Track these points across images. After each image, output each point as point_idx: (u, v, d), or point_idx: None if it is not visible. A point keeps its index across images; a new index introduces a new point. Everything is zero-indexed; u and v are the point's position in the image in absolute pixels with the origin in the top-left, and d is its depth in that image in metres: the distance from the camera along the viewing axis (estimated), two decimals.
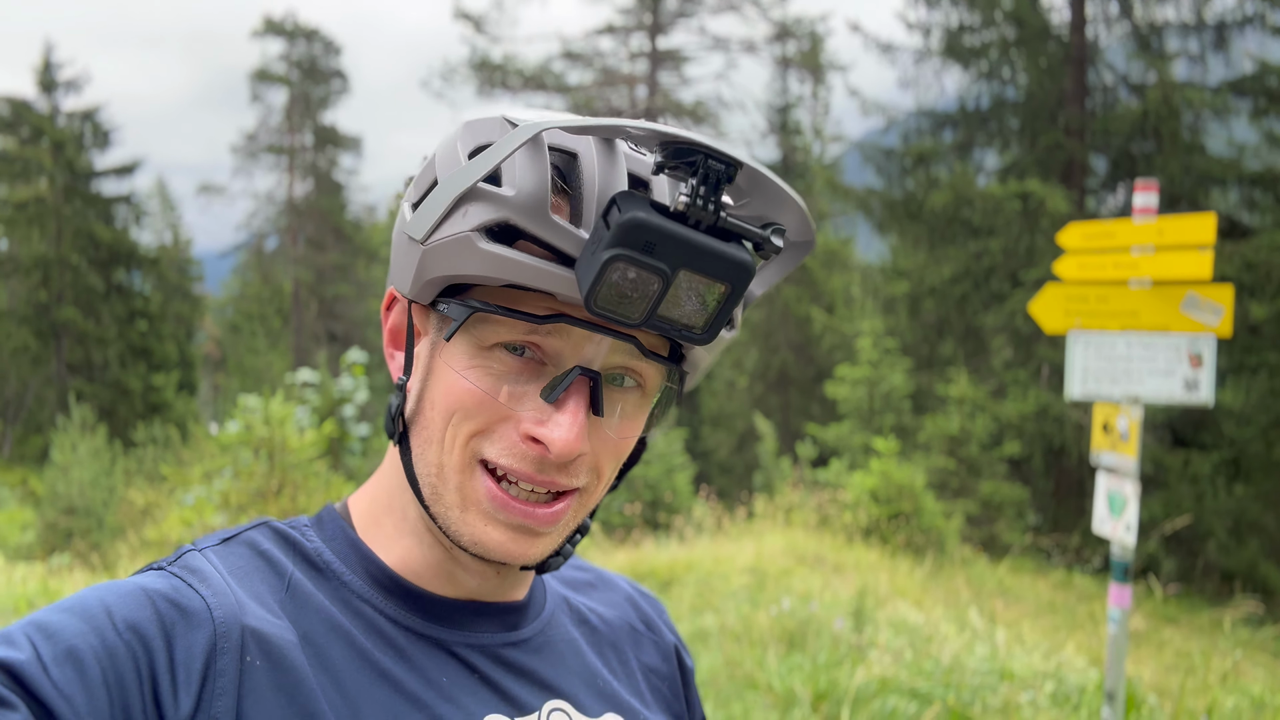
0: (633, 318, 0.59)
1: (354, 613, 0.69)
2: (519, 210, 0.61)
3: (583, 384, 0.65)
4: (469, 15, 26.63)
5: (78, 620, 0.60)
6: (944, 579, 8.10)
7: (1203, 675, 5.75)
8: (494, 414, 0.65)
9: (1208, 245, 3.59)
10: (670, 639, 0.88)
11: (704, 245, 0.58)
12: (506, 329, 0.64)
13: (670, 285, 0.59)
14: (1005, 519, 12.04)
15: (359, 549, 0.73)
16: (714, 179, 0.58)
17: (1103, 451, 3.94)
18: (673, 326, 0.61)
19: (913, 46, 16.72)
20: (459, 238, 0.63)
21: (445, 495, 0.68)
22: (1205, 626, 8.97)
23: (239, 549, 0.71)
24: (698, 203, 0.58)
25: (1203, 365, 3.71)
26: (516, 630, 0.75)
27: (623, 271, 0.57)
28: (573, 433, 0.63)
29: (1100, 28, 15.49)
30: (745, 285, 0.60)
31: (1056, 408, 13.26)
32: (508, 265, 0.61)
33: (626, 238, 0.57)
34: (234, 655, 0.62)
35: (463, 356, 0.66)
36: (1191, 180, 14.22)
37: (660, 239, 0.57)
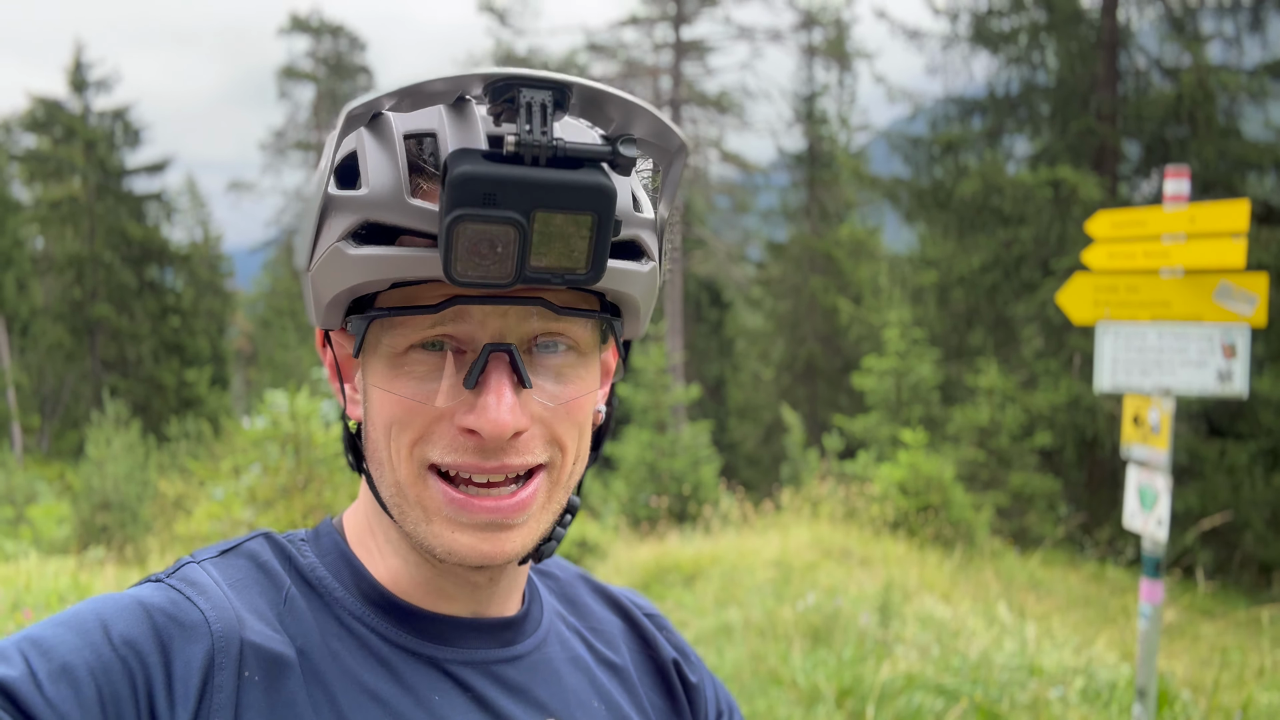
0: (503, 276, 0.57)
1: (347, 630, 0.68)
2: (375, 205, 0.59)
3: (499, 360, 0.62)
4: (493, 8, 26.66)
5: (72, 635, 0.59)
6: (973, 572, 8.01)
7: (1238, 670, 5.64)
8: (426, 417, 0.64)
9: (1241, 232, 3.50)
10: (669, 654, 0.86)
11: (549, 180, 0.55)
12: (410, 329, 0.63)
13: (530, 231, 0.55)
14: (1036, 511, 11.89)
15: (353, 566, 0.72)
16: (538, 108, 0.55)
17: (1134, 444, 3.87)
18: (553, 274, 0.58)
19: (940, 32, 16.50)
20: (330, 251, 0.61)
21: (409, 511, 0.66)
22: (1242, 620, 8.81)
23: (238, 561, 0.70)
24: (525, 138, 0.54)
25: (1236, 356, 3.62)
26: (511, 646, 0.74)
27: (470, 231, 0.55)
28: (499, 412, 0.61)
29: (1132, 10, 15.19)
30: (610, 208, 0.56)
31: (1089, 398, 13.06)
32: (380, 264, 0.59)
33: (462, 195, 0.54)
34: (232, 670, 0.61)
35: (383, 369, 0.64)
36: (1227, 165, 13.93)
37: (498, 187, 0.54)
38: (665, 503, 11.14)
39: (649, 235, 0.67)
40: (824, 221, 25.97)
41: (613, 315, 0.68)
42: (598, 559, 7.86)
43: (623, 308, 0.68)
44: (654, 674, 0.84)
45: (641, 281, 0.67)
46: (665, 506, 11.12)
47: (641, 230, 0.66)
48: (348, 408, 0.71)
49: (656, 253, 0.68)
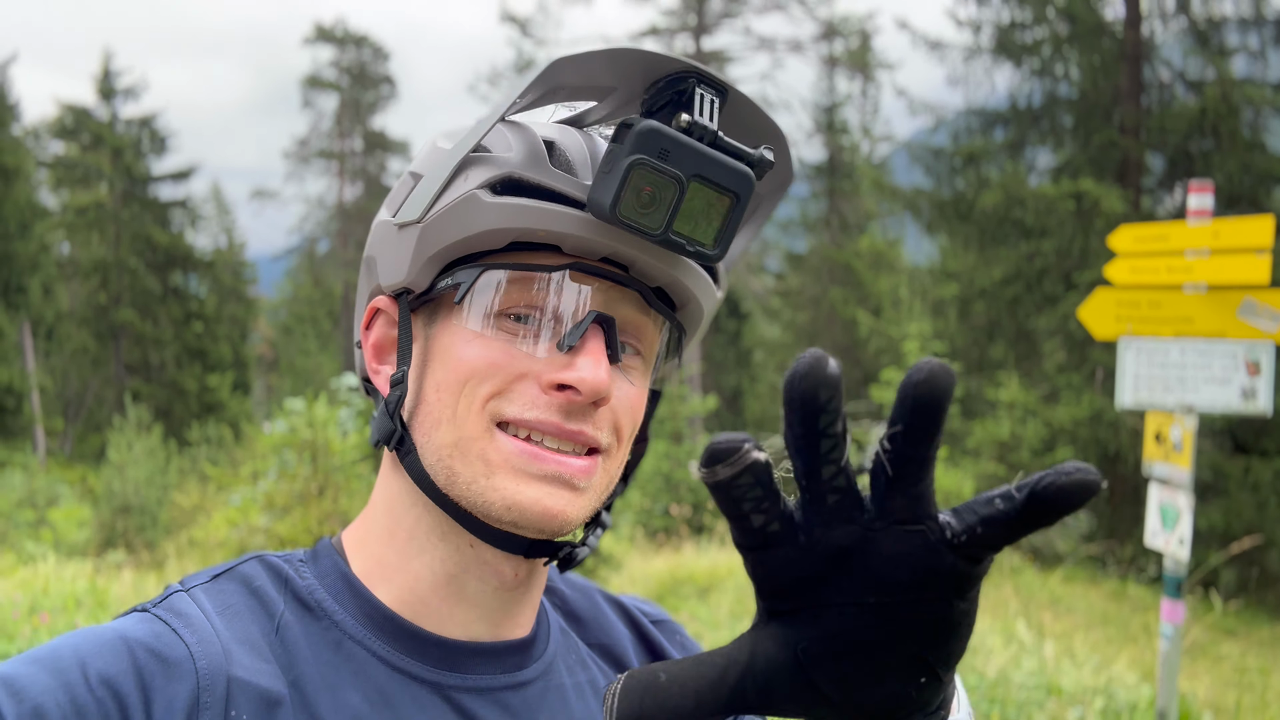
0: (655, 228, 0.61)
1: (344, 655, 0.66)
2: (521, 165, 0.64)
3: (599, 330, 0.65)
4: (514, 18, 26.81)
5: (47, 675, 0.57)
6: (991, 588, 7.93)
7: (1261, 692, 5.55)
8: (510, 372, 0.64)
9: (1266, 248, 3.45)
10: (687, 638, 0.86)
11: (712, 155, 0.62)
12: (514, 289, 0.65)
13: (684, 195, 0.61)
14: (1057, 527, 11.77)
15: (353, 586, 0.70)
16: (710, 101, 0.63)
17: (1155, 462, 3.82)
18: (688, 241, 0.63)
19: (962, 44, 16.44)
20: (464, 198, 0.64)
21: (465, 469, 0.65)
22: (1266, 640, 8.67)
23: (230, 585, 0.68)
24: (699, 120, 0.62)
25: (1261, 373, 3.57)
26: (519, 671, 0.71)
27: (642, 177, 0.60)
28: (600, 370, 0.63)
29: (1156, 23, 15.08)
30: (749, 195, 0.63)
31: (1111, 413, 12.92)
32: (520, 212, 0.63)
33: (645, 143, 0.60)
34: (218, 710, 0.59)
35: (471, 326, 0.66)
36: (1252, 179, 13.79)
37: (674, 146, 0.61)
38: (682, 513, 11.11)
39: (723, 267, 0.75)
40: (844, 232, 25.90)
41: (680, 328, 0.73)
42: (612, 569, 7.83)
43: (689, 324, 0.74)
44: None
45: (711, 300, 0.73)
46: (681, 517, 11.08)
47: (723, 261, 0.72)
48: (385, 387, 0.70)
49: (724, 286, 0.76)
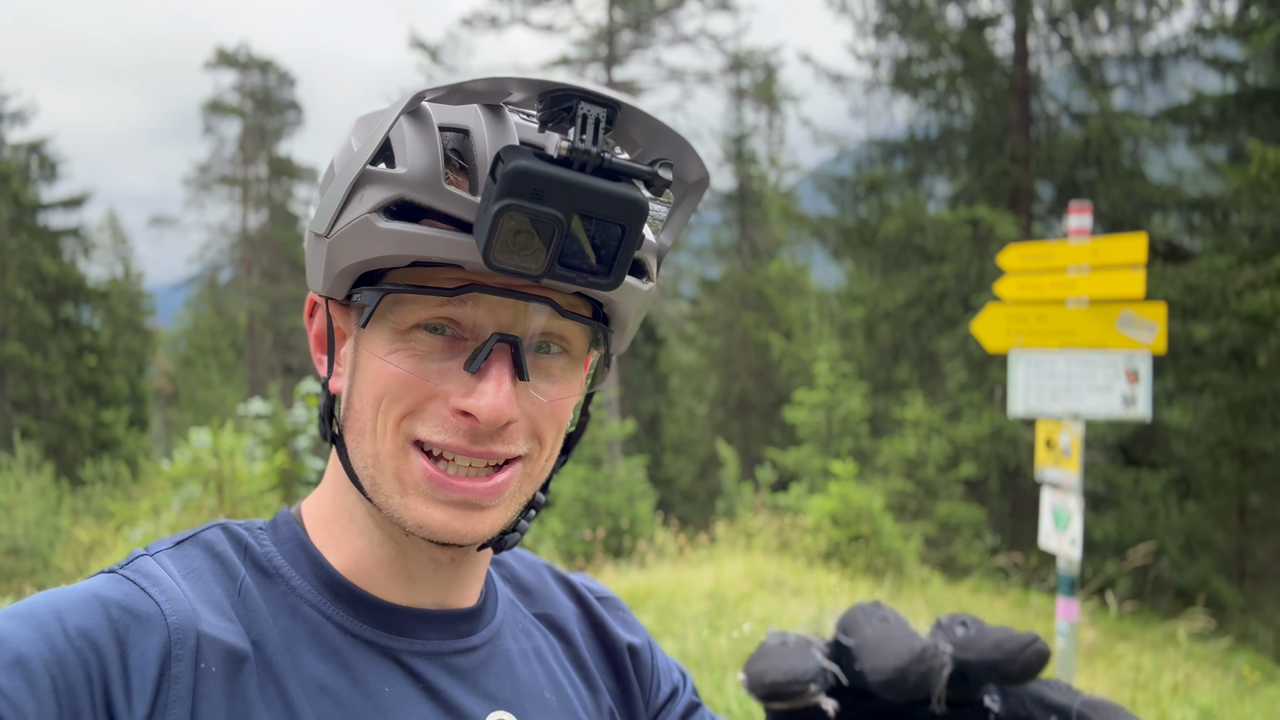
0: (534, 268, 0.60)
1: (300, 619, 0.68)
2: (412, 185, 0.62)
3: (503, 351, 0.65)
4: (424, 45, 26.70)
5: (27, 627, 0.59)
6: (903, 600, 8.15)
7: (1154, 688, 5.84)
8: (421, 393, 0.65)
9: (1140, 264, 3.71)
10: (622, 639, 0.87)
11: (593, 186, 0.58)
12: (421, 307, 0.65)
13: (566, 230, 0.59)
14: (963, 539, 12.17)
15: (310, 553, 0.72)
16: (593, 121, 0.59)
17: (1046, 467, 4.03)
18: (578, 274, 0.61)
19: (862, 77, 17.08)
20: (358, 221, 0.64)
21: (384, 483, 0.67)
22: (1158, 641, 9.12)
23: (193, 550, 0.70)
24: (579, 145, 0.58)
25: (1139, 381, 3.81)
26: (466, 638, 0.74)
27: (515, 221, 0.58)
28: (499, 399, 0.63)
29: (1043, 59, 15.96)
30: (640, 222, 0.60)
31: (1010, 429, 13.47)
32: (409, 240, 0.62)
33: (514, 187, 0.57)
34: (189, 661, 0.61)
35: (383, 343, 0.66)
36: (1133, 206, 14.65)
37: (548, 185, 0.58)
38: (601, 537, 11.10)
39: (652, 258, 0.71)
40: (755, 259, 26.44)
41: (606, 326, 0.71)
42: None
43: (614, 321, 0.72)
44: (606, 657, 0.85)
45: (639, 298, 0.71)
46: (601, 541, 11.08)
47: (648, 252, 0.70)
48: (331, 380, 0.72)
49: (655, 275, 0.73)
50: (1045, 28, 15.79)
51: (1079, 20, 15.61)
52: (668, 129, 0.66)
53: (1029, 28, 15.67)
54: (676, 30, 26.67)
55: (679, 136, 0.66)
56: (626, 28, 26.46)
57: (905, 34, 16.23)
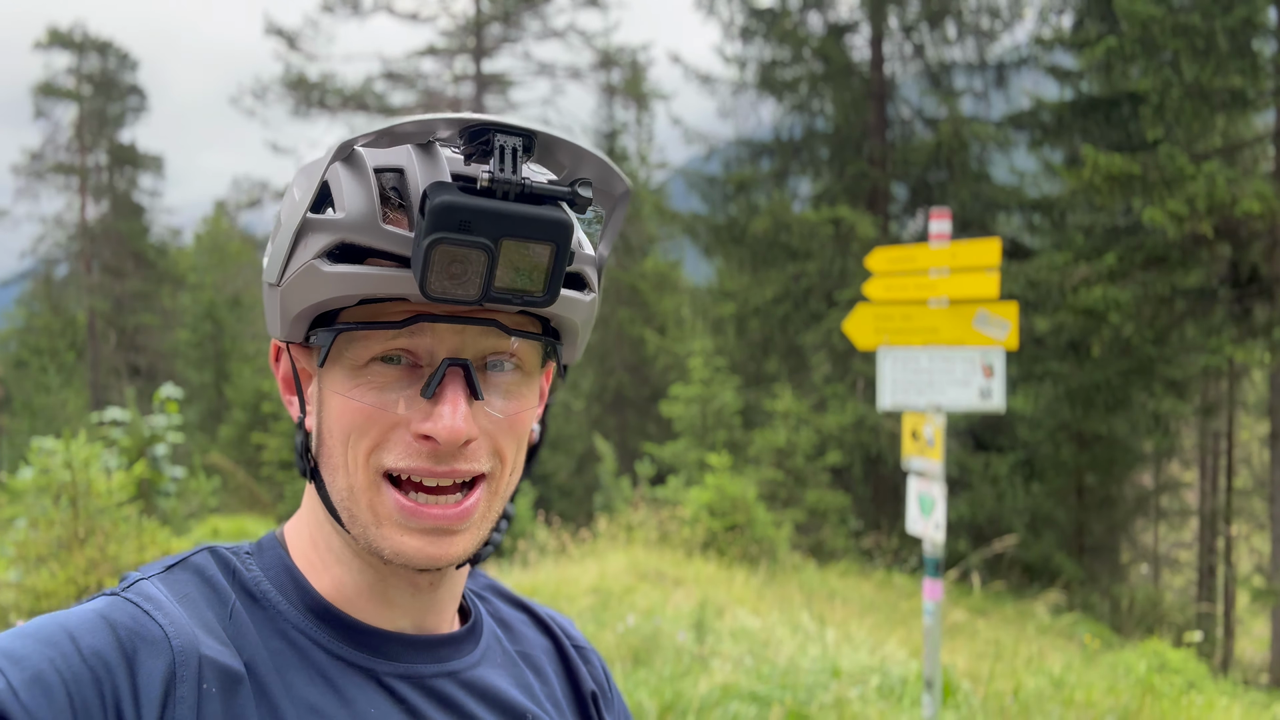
0: (471, 295, 0.63)
1: (289, 643, 0.71)
2: (351, 228, 0.65)
3: (455, 374, 0.68)
4: (282, 31, 25.63)
5: (43, 646, 0.61)
6: (777, 586, 8.46)
7: (1010, 661, 6.29)
8: (384, 424, 0.68)
9: (994, 267, 3.99)
10: (588, 686, 0.90)
11: (517, 213, 0.62)
12: (374, 342, 0.68)
13: (496, 257, 0.62)
14: (830, 525, 12.70)
15: (295, 578, 0.74)
16: (510, 150, 0.63)
17: (912, 457, 4.28)
18: (514, 295, 0.65)
19: (730, 78, 17.51)
20: (305, 268, 0.67)
21: (359, 515, 0.70)
22: (1011, 617, 9.79)
23: (184, 575, 0.72)
24: (499, 175, 0.62)
25: (994, 375, 4.11)
26: (447, 663, 0.77)
27: (446, 253, 0.61)
28: (455, 419, 0.66)
29: (897, 65, 16.76)
30: (568, 240, 0.64)
31: (872, 418, 14.13)
32: (354, 280, 0.65)
33: (441, 221, 0.61)
34: (193, 682, 0.64)
35: (343, 380, 0.69)
36: (980, 206, 15.60)
37: (474, 215, 0.61)
38: None
39: (591, 270, 0.74)
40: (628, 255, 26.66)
41: (555, 340, 0.74)
42: None
43: (564, 334, 0.75)
44: (575, 699, 0.88)
45: (583, 310, 0.74)
46: None
47: (586, 265, 0.73)
48: (306, 419, 0.74)
49: (596, 286, 0.76)
50: (899, 35, 16.60)
51: (930, 29, 16.48)
52: (587, 151, 0.69)
53: (884, 35, 16.44)
54: (546, 24, 26.58)
55: (599, 156, 0.70)
56: (495, 20, 26.18)
57: (769, 38, 16.72)
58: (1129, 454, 17.22)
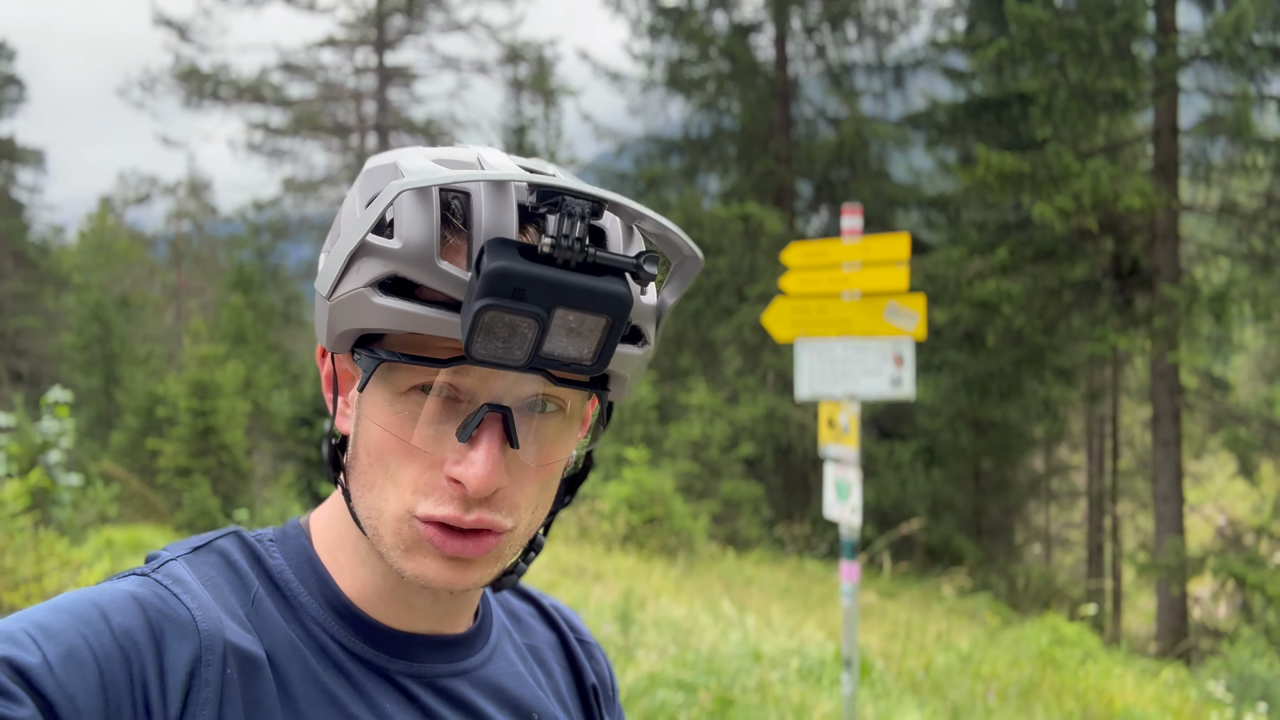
0: (516, 360, 0.61)
1: (307, 634, 0.71)
2: (406, 262, 0.63)
3: (494, 420, 0.66)
4: (171, 22, 24.59)
5: (77, 621, 0.62)
6: (696, 576, 8.59)
7: (919, 639, 6.55)
8: (421, 464, 0.67)
9: (904, 260, 4.16)
10: (590, 680, 0.91)
11: (575, 284, 0.60)
12: (416, 374, 0.66)
13: (547, 325, 0.60)
14: (744, 515, 12.95)
15: (318, 572, 0.75)
16: (577, 217, 0.61)
17: (829, 444, 4.43)
18: (559, 362, 0.62)
19: (638, 76, 17.67)
20: (355, 294, 0.65)
21: (384, 537, 0.70)
22: (917, 599, 10.17)
23: (210, 558, 0.73)
24: (562, 243, 0.60)
25: (904, 364, 4.28)
26: (459, 663, 0.78)
27: (495, 319, 0.59)
28: (485, 469, 0.64)
29: (800, 65, 17.16)
30: (624, 315, 0.62)
31: (782, 410, 14.46)
32: (402, 317, 0.63)
33: (494, 287, 0.59)
34: (217, 667, 0.64)
35: (381, 404, 0.68)
36: (881, 203, 16.12)
37: (529, 284, 0.59)
38: None
39: (649, 323, 0.71)
40: None
41: (602, 387, 0.71)
42: None
43: (612, 382, 0.72)
44: (578, 691, 0.90)
45: (635, 363, 0.71)
46: None
47: (643, 320, 0.71)
48: (337, 420, 0.74)
49: (653, 336, 0.73)
50: (802, 36, 16.99)
51: (831, 30, 16.93)
52: (652, 218, 0.67)
53: (787, 35, 16.81)
54: (450, 17, 26.21)
55: (662, 225, 0.68)
56: (397, 11, 25.67)
57: (677, 36, 16.90)
58: (1021, 439, 18.05)
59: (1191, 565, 11.65)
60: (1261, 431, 12.28)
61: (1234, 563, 11.38)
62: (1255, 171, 12.07)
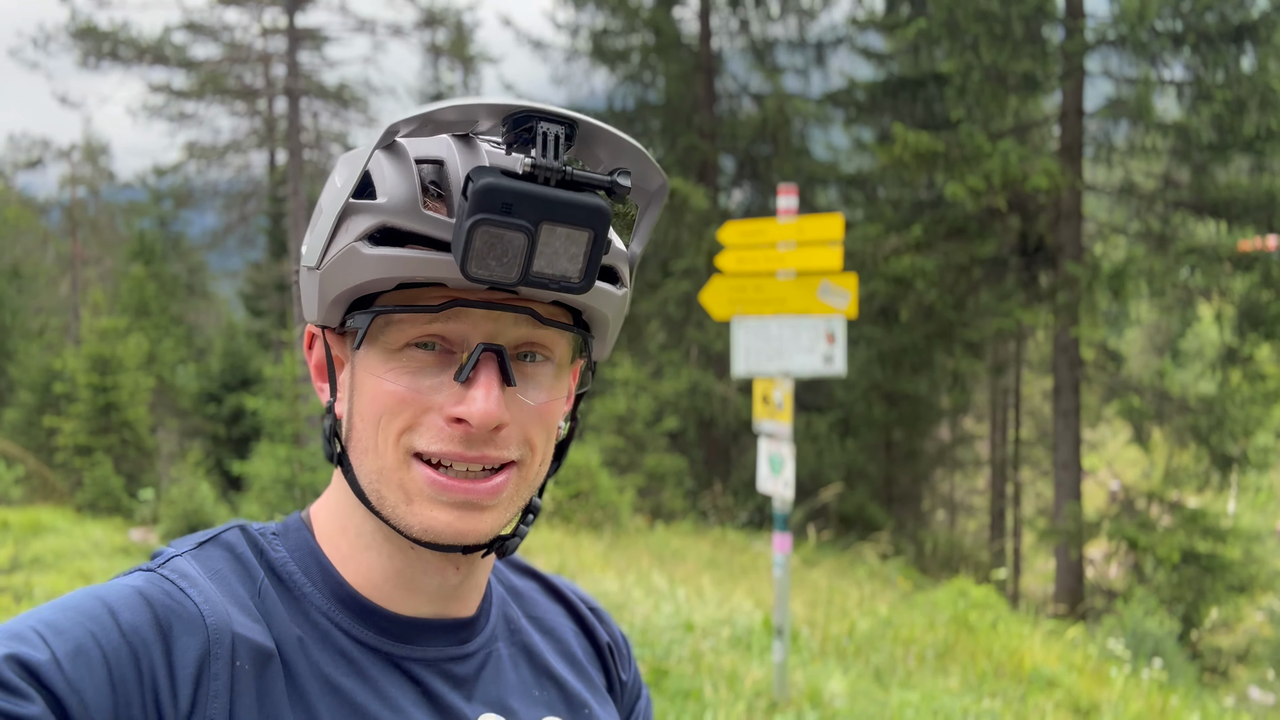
0: (510, 277, 0.64)
1: (312, 624, 0.72)
2: (393, 212, 0.67)
3: (490, 359, 0.69)
4: None
5: (84, 619, 0.62)
6: (623, 548, 8.69)
7: (840, 605, 6.77)
8: (417, 407, 0.70)
9: (837, 240, 4.27)
10: (603, 639, 0.94)
11: (558, 198, 0.64)
12: (410, 325, 0.69)
13: (536, 240, 0.64)
14: (669, 488, 13.11)
15: (320, 563, 0.76)
16: (553, 138, 0.65)
17: (763, 420, 4.53)
18: (551, 280, 0.66)
19: (562, 45, 17.41)
20: (345, 250, 0.68)
21: (389, 495, 0.71)
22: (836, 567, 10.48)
23: (216, 551, 0.73)
24: (541, 161, 0.64)
25: (836, 342, 4.40)
26: (463, 646, 0.79)
27: (487, 234, 0.63)
28: (489, 403, 0.67)
29: (725, 40, 17.20)
30: (605, 227, 0.66)
31: (705, 383, 14.63)
32: (394, 263, 0.67)
33: (484, 203, 0.62)
34: (226, 660, 0.65)
35: (378, 363, 0.70)
36: (802, 180, 16.33)
37: (515, 199, 0.63)
38: None
39: (624, 265, 0.76)
40: None
41: (586, 332, 0.76)
42: None
43: (595, 327, 0.77)
44: (594, 651, 0.92)
45: (615, 303, 0.75)
46: None
47: (618, 260, 0.75)
48: (335, 404, 0.75)
49: (628, 281, 0.77)
50: (726, 10, 17.01)
51: (755, 4, 16.99)
52: (627, 142, 0.70)
53: (711, 8, 16.81)
54: None
55: (638, 149, 0.71)
56: None
57: (602, 6, 16.73)
58: (930, 410, 18.67)
59: (1088, 529, 12.28)
60: (1154, 401, 12.97)
61: (1127, 527, 12.06)
62: (1154, 153, 12.66)
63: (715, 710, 4.13)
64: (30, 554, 9.03)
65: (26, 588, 7.53)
